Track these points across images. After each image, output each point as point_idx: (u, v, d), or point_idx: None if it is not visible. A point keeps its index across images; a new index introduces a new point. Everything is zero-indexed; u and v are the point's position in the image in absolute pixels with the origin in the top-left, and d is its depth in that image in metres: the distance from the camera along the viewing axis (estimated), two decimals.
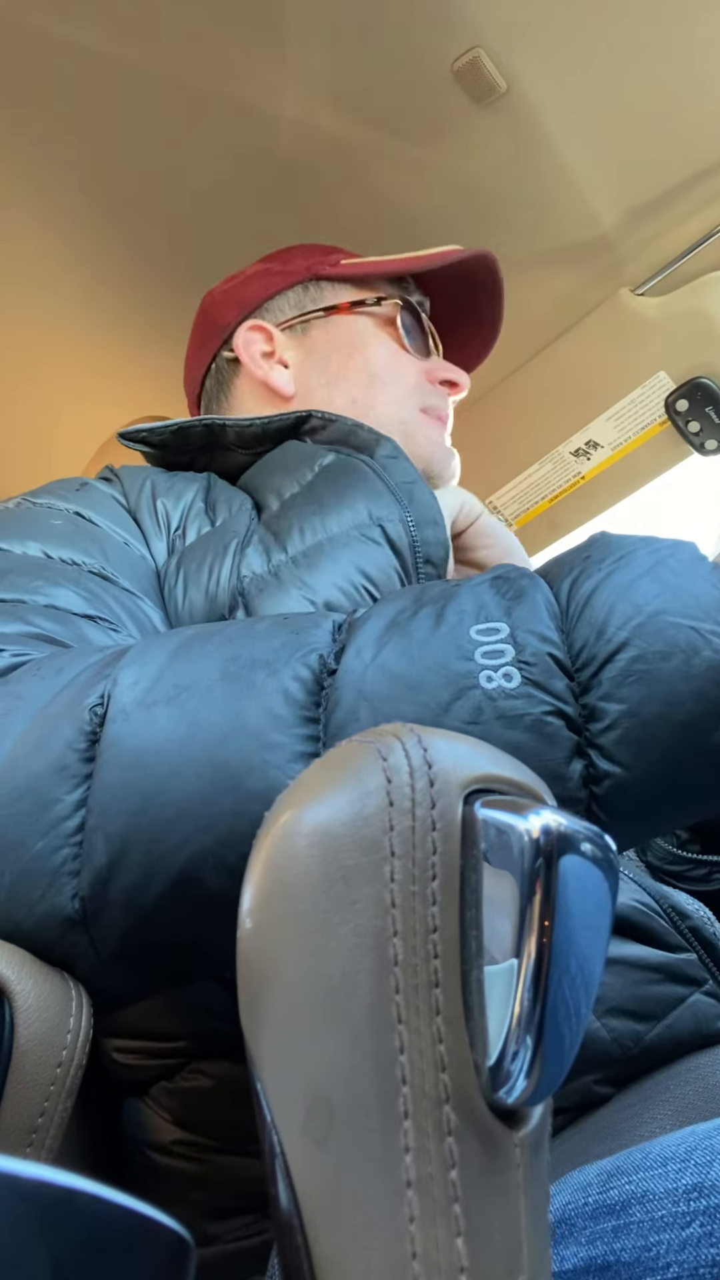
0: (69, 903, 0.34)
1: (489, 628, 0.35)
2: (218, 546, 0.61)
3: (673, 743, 0.33)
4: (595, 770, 0.33)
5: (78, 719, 0.36)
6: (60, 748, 0.35)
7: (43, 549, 0.55)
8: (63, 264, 1.01)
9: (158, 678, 0.36)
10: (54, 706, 0.37)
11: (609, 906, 0.24)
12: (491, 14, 0.81)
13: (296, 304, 0.85)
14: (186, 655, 0.37)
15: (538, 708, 0.33)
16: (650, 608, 0.34)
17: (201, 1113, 0.49)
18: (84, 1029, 0.33)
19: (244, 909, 0.23)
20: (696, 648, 0.33)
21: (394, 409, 0.79)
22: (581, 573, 0.36)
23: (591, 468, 1.13)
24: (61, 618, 0.47)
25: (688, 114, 0.89)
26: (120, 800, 0.33)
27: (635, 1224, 0.32)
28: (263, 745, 0.33)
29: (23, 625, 0.45)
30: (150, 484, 0.67)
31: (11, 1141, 0.30)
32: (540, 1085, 0.21)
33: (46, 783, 0.34)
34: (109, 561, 0.56)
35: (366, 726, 0.32)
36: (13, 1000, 0.31)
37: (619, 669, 0.33)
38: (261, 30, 0.82)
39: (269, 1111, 0.22)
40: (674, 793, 0.34)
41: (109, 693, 0.36)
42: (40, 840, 0.34)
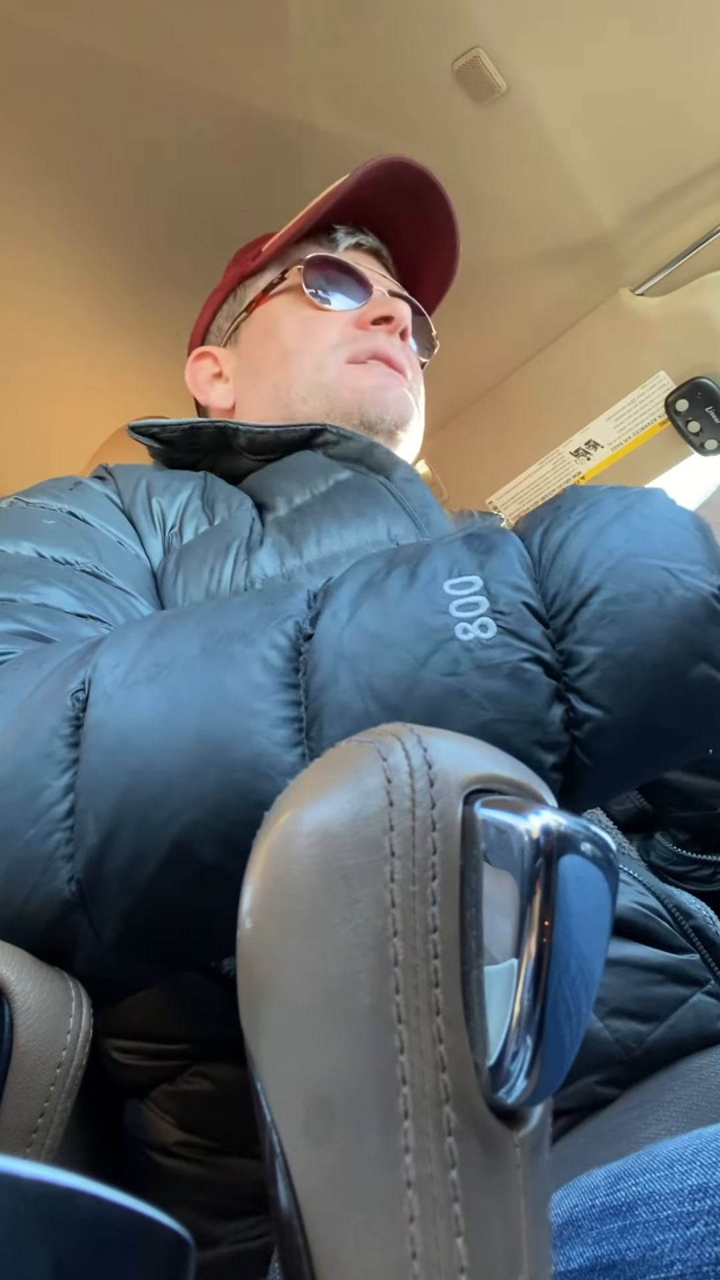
0: (65, 885, 0.34)
1: (462, 581, 0.35)
2: (219, 546, 0.61)
3: (650, 682, 0.33)
4: (576, 714, 0.33)
5: (60, 706, 0.36)
6: (45, 735, 0.35)
7: (35, 549, 0.54)
8: (61, 265, 1.01)
9: (137, 659, 0.36)
10: (37, 697, 0.37)
11: (609, 906, 0.24)
12: (491, 14, 0.81)
13: (229, 315, 0.85)
14: (164, 635, 0.37)
15: (515, 655, 0.33)
16: (621, 551, 0.34)
17: (203, 1116, 0.49)
18: (84, 1029, 0.33)
19: (244, 909, 0.23)
20: (668, 587, 0.33)
21: (310, 376, 0.75)
22: (552, 522, 0.36)
23: (591, 468, 1.13)
24: (53, 615, 0.47)
25: (688, 114, 0.89)
26: (107, 781, 0.34)
27: (641, 1224, 0.33)
28: (245, 714, 0.33)
29: (12, 623, 0.45)
30: (145, 483, 0.67)
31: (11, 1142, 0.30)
32: (540, 1085, 0.21)
33: (34, 770, 0.35)
34: (102, 560, 0.56)
35: (346, 687, 0.33)
36: (12, 1000, 0.31)
37: (593, 612, 0.33)
38: (262, 31, 0.82)
39: (269, 1111, 0.22)
40: (654, 733, 0.34)
41: (89, 678, 0.36)
42: (31, 827, 0.34)
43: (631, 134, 0.90)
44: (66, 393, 1.15)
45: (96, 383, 1.13)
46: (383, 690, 0.33)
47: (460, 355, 0.96)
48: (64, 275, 1.02)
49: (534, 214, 0.97)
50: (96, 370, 1.11)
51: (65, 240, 0.98)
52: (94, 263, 1.01)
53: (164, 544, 0.63)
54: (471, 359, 1.13)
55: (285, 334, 0.78)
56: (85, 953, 0.35)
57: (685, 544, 0.34)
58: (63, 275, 1.02)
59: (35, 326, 1.07)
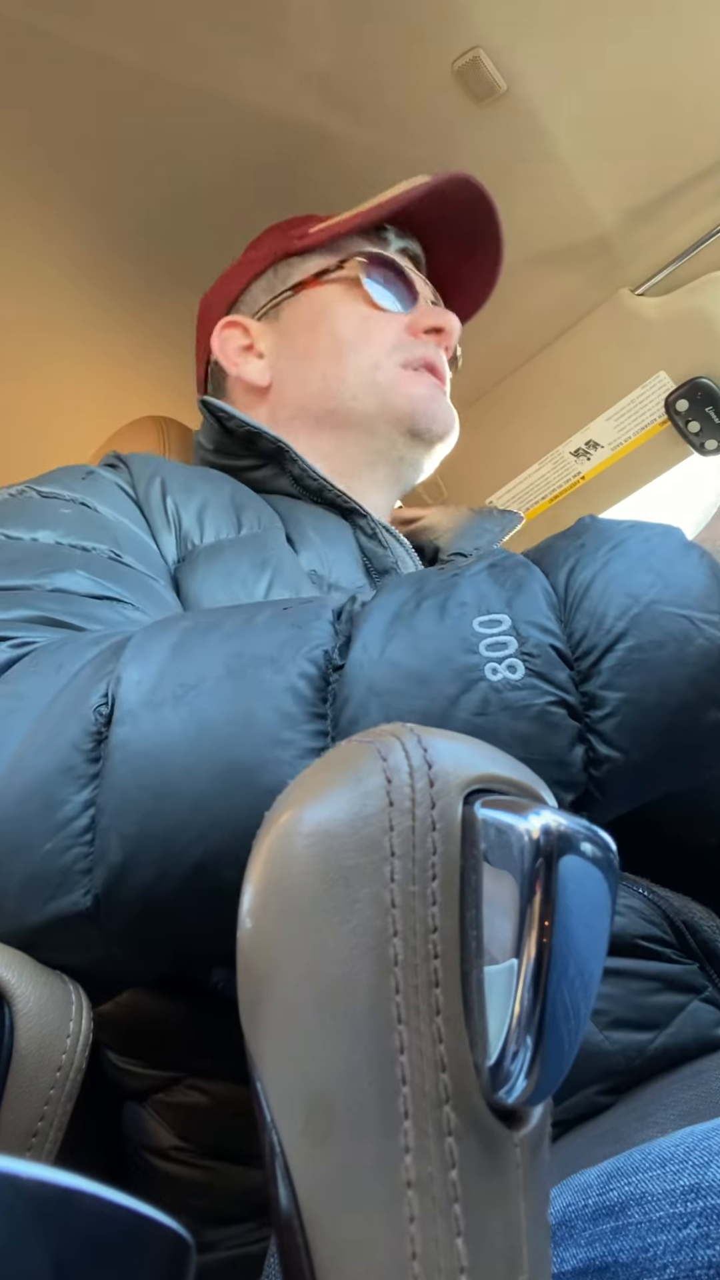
0: (82, 899, 0.34)
1: (491, 619, 0.35)
2: (253, 560, 0.60)
3: (669, 727, 0.34)
4: (595, 754, 0.34)
5: (82, 719, 0.36)
6: (66, 749, 0.35)
7: (50, 535, 0.54)
8: (60, 266, 1.01)
9: (161, 676, 0.36)
10: (57, 706, 0.37)
11: (609, 906, 0.24)
12: (491, 14, 0.81)
13: (268, 289, 0.83)
14: (188, 651, 0.37)
15: (542, 699, 0.34)
16: (646, 598, 0.35)
17: (199, 1126, 0.48)
18: (84, 1032, 0.33)
19: (244, 909, 0.23)
20: (690, 636, 0.34)
21: (366, 374, 0.75)
22: (578, 562, 0.37)
23: (591, 468, 1.13)
24: (69, 600, 0.47)
25: (688, 114, 0.89)
26: (133, 801, 0.34)
27: (633, 1225, 0.33)
28: (274, 743, 0.34)
29: (28, 610, 0.45)
30: (160, 480, 0.66)
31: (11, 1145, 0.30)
32: (540, 1085, 0.21)
33: (53, 784, 0.35)
34: (120, 547, 0.55)
35: (377, 722, 0.33)
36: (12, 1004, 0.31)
37: (618, 659, 0.34)
38: (262, 30, 0.82)
39: (269, 1111, 0.22)
40: (666, 770, 0.35)
41: (113, 693, 0.36)
42: (49, 841, 0.34)
43: (631, 134, 0.90)
44: (66, 393, 1.15)
45: (96, 383, 1.12)
46: None
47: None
48: (64, 275, 1.02)
49: (534, 214, 0.97)
50: (96, 370, 1.11)
51: (65, 240, 0.98)
52: (93, 263, 1.01)
53: (178, 542, 0.62)
54: (471, 359, 1.13)
55: (341, 325, 0.77)
56: (92, 960, 0.35)
57: (705, 592, 0.35)
58: (62, 275, 1.02)
59: (35, 327, 1.06)
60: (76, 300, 1.05)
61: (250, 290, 0.84)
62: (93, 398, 1.14)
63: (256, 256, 0.85)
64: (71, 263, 1.01)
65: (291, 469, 0.73)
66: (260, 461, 0.75)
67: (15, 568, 0.49)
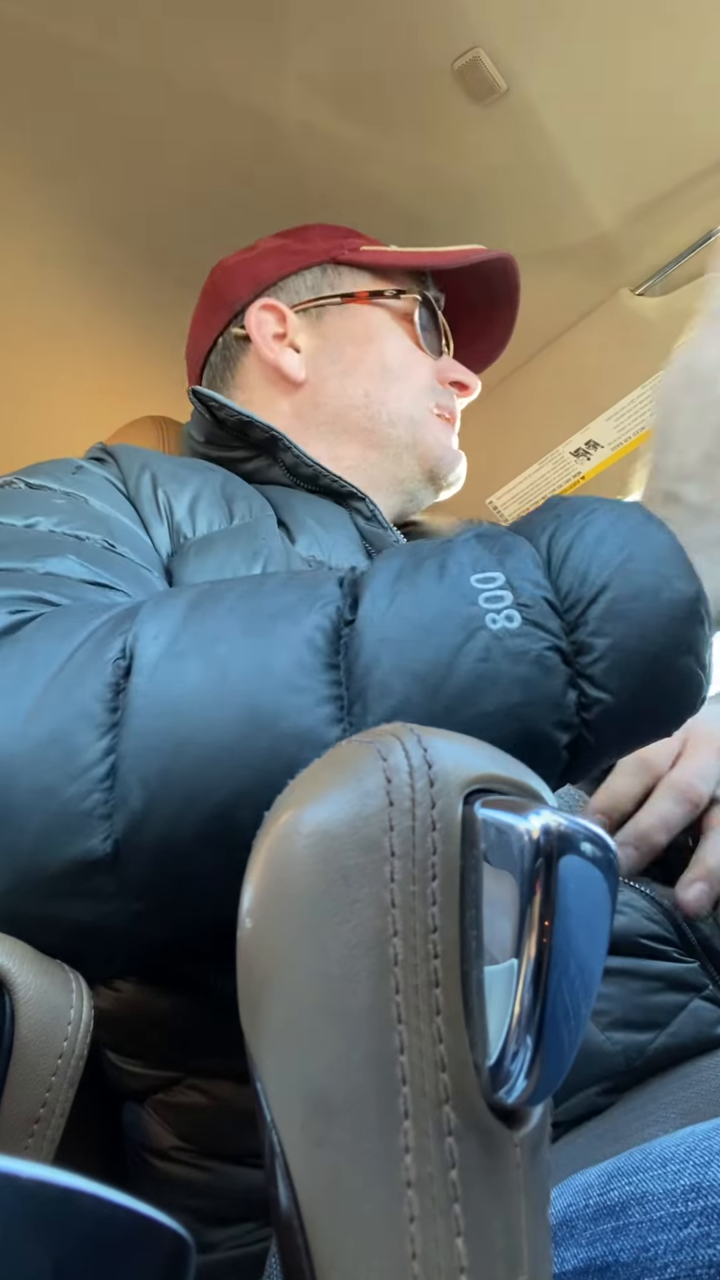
0: (101, 844, 0.35)
1: (487, 576, 0.38)
2: (245, 550, 0.61)
3: (649, 670, 0.37)
4: (587, 698, 0.37)
5: (101, 671, 0.37)
6: (86, 698, 0.36)
7: (49, 525, 0.54)
8: (59, 266, 1.01)
9: (179, 631, 0.38)
10: (74, 662, 0.38)
11: (609, 906, 0.24)
12: (491, 14, 0.81)
13: (313, 287, 0.83)
14: (203, 610, 0.39)
15: (539, 644, 0.36)
16: (620, 557, 0.38)
17: (198, 1127, 0.48)
18: (85, 1019, 0.33)
19: (244, 909, 0.23)
20: (659, 589, 0.37)
21: (406, 405, 0.79)
22: (556, 529, 0.40)
23: (591, 468, 1.13)
24: (60, 582, 0.47)
25: (687, 114, 0.89)
26: (155, 746, 0.35)
27: (634, 1225, 0.33)
28: (293, 689, 0.36)
29: (19, 590, 0.46)
30: (150, 472, 0.66)
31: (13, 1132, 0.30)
32: (540, 1085, 0.21)
33: (74, 730, 0.36)
34: (114, 538, 0.56)
35: (389, 669, 0.36)
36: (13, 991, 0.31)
37: (602, 608, 0.37)
38: (261, 30, 0.82)
39: (269, 1111, 0.22)
40: (647, 715, 0.38)
41: (130, 647, 0.38)
42: (70, 785, 0.35)
43: (631, 134, 0.90)
44: (65, 393, 1.15)
45: (95, 383, 1.12)
46: (422, 673, 0.36)
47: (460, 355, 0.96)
48: (63, 276, 1.02)
49: (534, 214, 0.97)
50: (95, 370, 1.11)
51: (64, 241, 0.98)
52: (93, 263, 1.01)
53: (170, 533, 0.63)
54: None
55: (389, 352, 0.80)
56: (105, 914, 0.35)
57: (669, 551, 0.38)
58: (62, 276, 1.02)
59: (34, 327, 1.07)
60: (75, 301, 1.05)
61: (292, 280, 0.84)
62: (92, 398, 1.14)
63: (303, 249, 0.85)
64: (71, 263, 1.01)
65: (284, 458, 0.73)
66: (253, 452, 0.75)
67: (6, 551, 0.49)
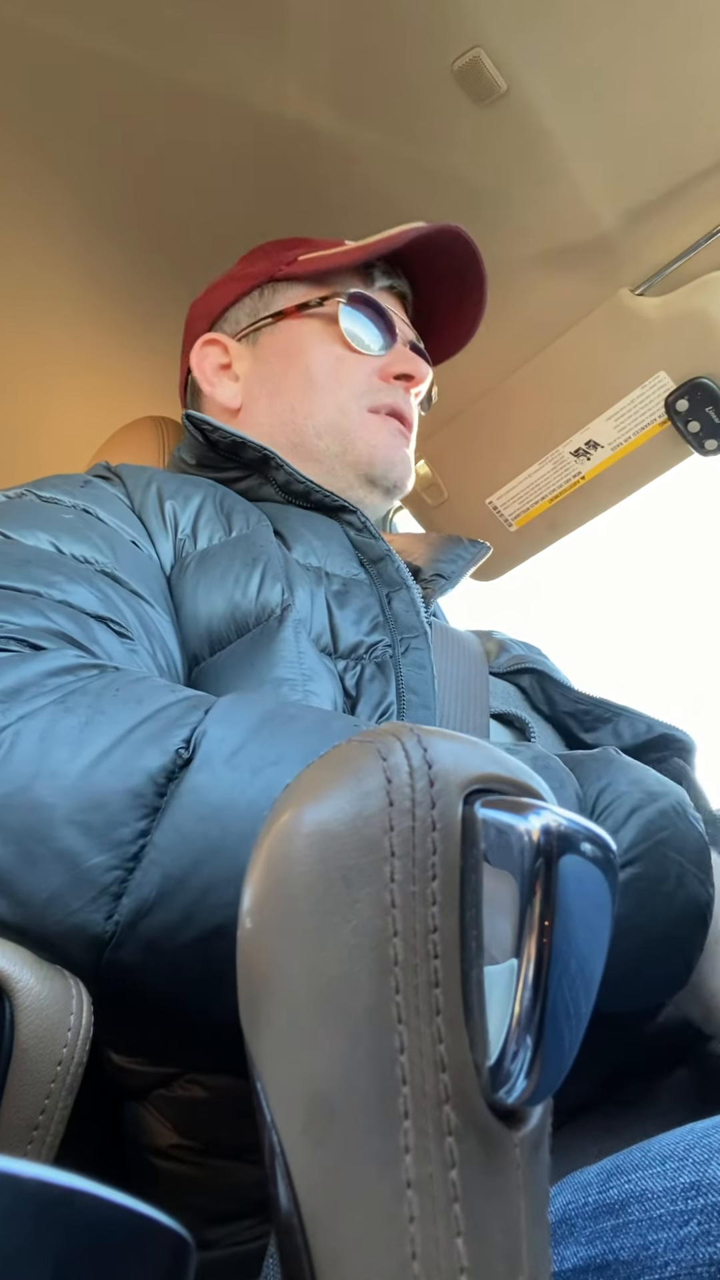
0: (104, 922, 0.35)
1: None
2: (245, 559, 0.62)
3: (643, 949, 0.39)
4: None
5: (163, 753, 0.37)
6: (141, 777, 0.36)
7: (53, 541, 0.55)
8: (58, 267, 1.01)
9: (244, 743, 0.38)
10: (138, 734, 0.38)
11: (609, 906, 0.24)
12: (491, 14, 0.81)
13: (251, 311, 0.85)
14: (271, 732, 0.39)
15: None
16: (657, 836, 0.40)
17: (199, 1121, 0.49)
18: (84, 1027, 0.33)
19: (244, 909, 0.23)
20: (683, 881, 0.40)
21: (330, 415, 0.78)
22: (607, 785, 0.43)
23: (591, 468, 1.13)
24: (76, 616, 0.48)
25: (688, 114, 0.89)
26: (188, 844, 0.35)
27: (634, 1223, 0.33)
28: None
29: (42, 619, 0.46)
30: (156, 486, 0.68)
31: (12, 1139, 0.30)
32: (540, 1085, 0.21)
33: (121, 804, 0.36)
34: (119, 562, 0.57)
35: None
36: (14, 997, 0.31)
37: (624, 879, 0.39)
38: (261, 30, 0.82)
39: (269, 1111, 0.22)
40: (628, 984, 0.40)
41: (197, 741, 0.38)
42: (98, 855, 0.35)
43: (631, 134, 0.90)
44: (64, 394, 1.15)
45: (94, 384, 1.12)
46: None
47: (460, 355, 0.96)
48: (62, 276, 1.02)
49: (534, 214, 0.97)
50: (92, 375, 1.11)
51: (64, 240, 0.98)
52: (92, 263, 1.01)
53: (175, 547, 0.64)
54: (471, 359, 1.13)
55: (315, 364, 0.79)
56: (86, 980, 0.35)
57: (698, 847, 0.41)
58: (61, 276, 1.02)
59: (33, 327, 1.06)
60: (75, 301, 1.05)
61: (234, 309, 0.86)
62: (91, 398, 1.14)
63: (247, 274, 0.86)
64: (70, 263, 1.01)
65: (276, 476, 0.74)
66: (244, 472, 0.76)
67: (25, 569, 0.49)
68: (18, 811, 0.36)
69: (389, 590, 0.67)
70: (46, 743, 0.37)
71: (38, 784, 0.36)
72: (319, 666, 0.58)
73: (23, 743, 0.37)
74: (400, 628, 0.63)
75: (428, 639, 0.63)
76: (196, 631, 0.60)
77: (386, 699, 0.58)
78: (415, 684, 0.60)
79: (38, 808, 0.35)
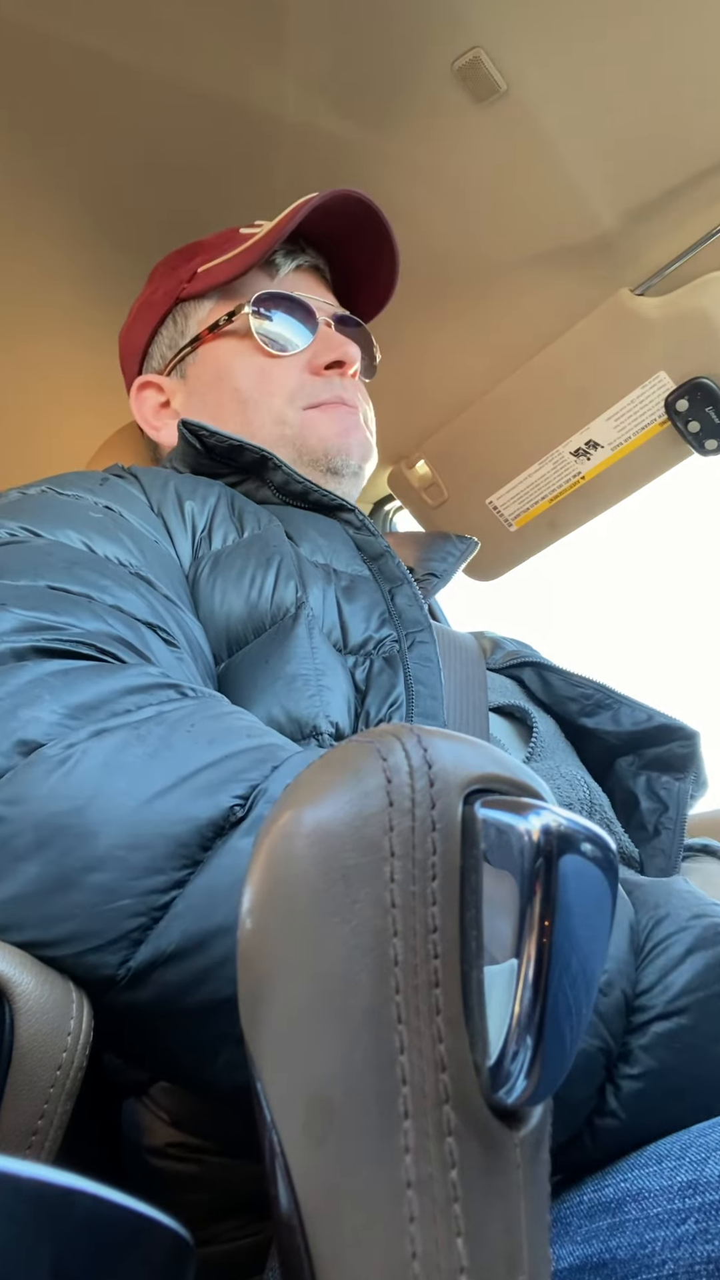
0: (118, 968, 0.34)
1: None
2: (260, 558, 0.63)
3: (677, 1111, 0.35)
4: (603, 1107, 0.35)
5: (216, 807, 0.36)
6: (189, 827, 0.36)
7: (84, 541, 0.54)
8: (57, 267, 1.01)
9: None
10: (199, 780, 0.37)
11: (609, 906, 0.24)
12: (491, 14, 0.81)
13: (170, 342, 0.84)
14: None
15: (591, 1043, 0.35)
16: (716, 987, 0.36)
17: (198, 1113, 0.49)
18: (84, 1031, 0.33)
19: (244, 909, 0.23)
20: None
21: (271, 426, 0.77)
22: (666, 916, 0.39)
23: (591, 468, 1.13)
24: (129, 622, 0.48)
25: (687, 114, 0.89)
26: (217, 909, 0.34)
27: (630, 1221, 0.32)
28: None
29: (102, 624, 0.46)
30: (173, 486, 0.68)
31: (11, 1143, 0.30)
32: (540, 1085, 0.21)
33: (165, 849, 0.35)
34: (147, 562, 0.57)
35: None
36: (13, 1001, 0.31)
37: (668, 1030, 0.35)
38: (261, 31, 0.81)
39: (269, 1111, 0.22)
40: (653, 1135, 0.36)
41: (255, 800, 0.37)
42: (130, 898, 0.34)
43: (631, 134, 0.90)
44: (63, 394, 1.15)
45: (93, 384, 1.12)
46: None
47: (461, 355, 0.96)
48: (62, 276, 1.02)
49: (534, 214, 0.97)
50: (91, 376, 1.11)
51: (63, 241, 0.98)
52: (92, 263, 1.01)
53: (193, 547, 0.64)
54: (472, 359, 1.13)
55: (241, 382, 0.78)
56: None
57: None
58: (61, 276, 1.02)
59: (32, 327, 1.06)
60: (74, 302, 1.04)
61: (155, 343, 0.85)
62: (90, 398, 1.14)
63: (155, 300, 0.85)
64: (70, 263, 1.01)
65: (273, 478, 0.74)
66: (241, 476, 0.76)
67: (73, 571, 0.49)
68: (63, 834, 0.35)
69: (391, 586, 0.67)
70: (109, 769, 0.36)
71: (90, 810, 0.35)
72: (332, 661, 0.59)
73: (86, 764, 0.36)
74: (406, 623, 0.63)
75: (432, 632, 0.63)
76: (216, 632, 0.60)
77: (395, 692, 0.58)
78: (423, 676, 0.60)
79: (84, 834, 0.35)
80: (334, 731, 0.55)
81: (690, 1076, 0.35)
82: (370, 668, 0.60)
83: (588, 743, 0.75)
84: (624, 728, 0.73)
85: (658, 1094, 0.35)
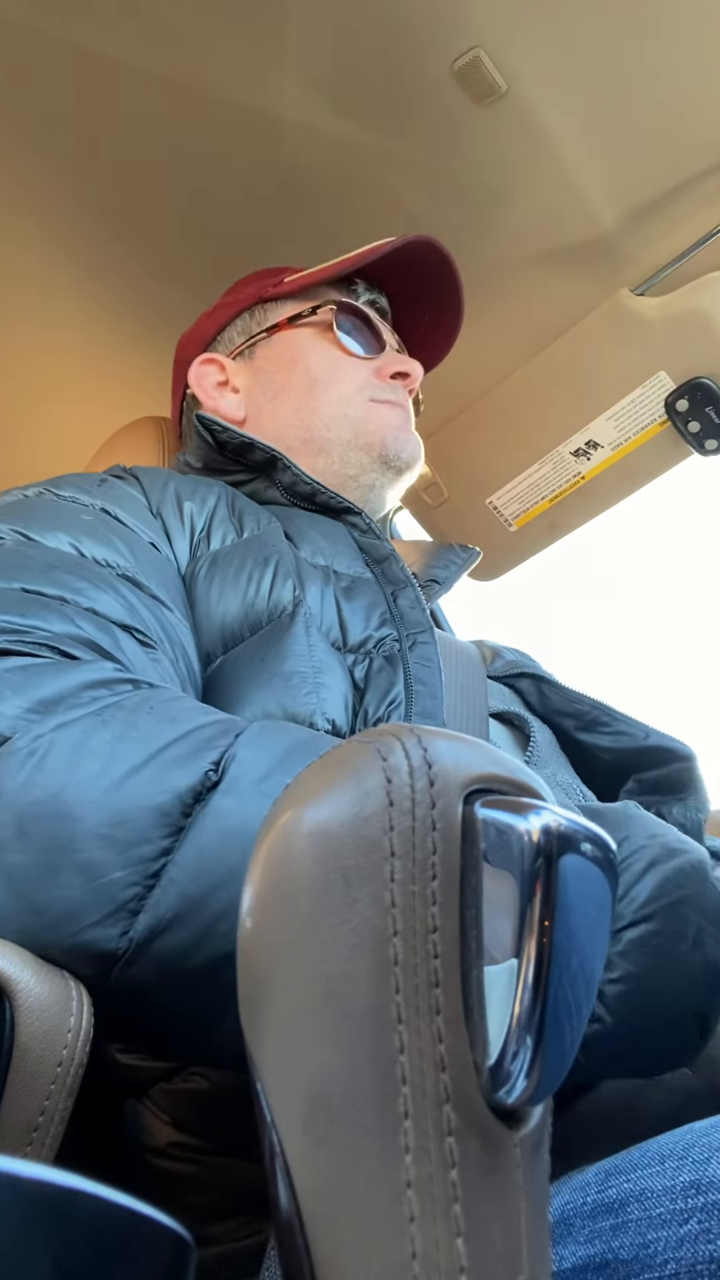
0: (118, 939, 0.35)
1: None
2: (258, 558, 0.64)
3: (659, 1013, 0.39)
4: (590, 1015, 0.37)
5: (192, 774, 0.38)
6: (169, 795, 0.37)
7: (74, 544, 0.55)
8: (58, 266, 1.01)
9: (271, 770, 0.39)
10: (169, 753, 0.38)
11: (609, 906, 0.24)
12: (491, 14, 0.81)
13: (244, 330, 0.87)
14: (299, 762, 0.39)
15: None
16: (677, 894, 0.40)
17: (199, 1114, 0.49)
18: (84, 1028, 0.33)
19: (244, 909, 0.23)
20: (701, 942, 0.39)
21: (338, 406, 0.80)
22: (627, 836, 0.42)
23: (591, 468, 1.13)
24: (102, 624, 0.49)
25: (687, 114, 0.89)
26: (208, 867, 0.35)
27: (633, 1222, 0.33)
28: None
29: (72, 626, 0.47)
30: (173, 487, 0.69)
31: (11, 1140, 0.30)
32: (540, 1085, 0.21)
33: (148, 820, 0.36)
34: (138, 565, 0.57)
35: None
36: (14, 998, 0.31)
37: (639, 935, 0.39)
38: (262, 31, 0.82)
39: (269, 1111, 0.22)
40: (640, 1053, 0.40)
41: (226, 764, 0.38)
42: (122, 869, 0.35)
43: (631, 134, 0.90)
44: (65, 393, 1.15)
45: (95, 384, 1.12)
46: None
47: (460, 355, 0.96)
48: (63, 276, 1.02)
49: (534, 214, 0.97)
50: (94, 374, 1.11)
51: (64, 240, 0.98)
52: (92, 263, 1.01)
53: (191, 547, 0.65)
54: (472, 359, 1.13)
55: (314, 364, 0.82)
56: (95, 993, 0.36)
57: (716, 906, 0.40)
58: (62, 276, 1.02)
59: (34, 327, 1.06)
60: (75, 301, 1.04)
61: (226, 331, 0.88)
62: (91, 398, 1.14)
63: (234, 301, 0.89)
64: (71, 263, 1.01)
65: (282, 478, 0.76)
66: (250, 475, 0.78)
67: (50, 574, 0.50)
68: (44, 821, 0.36)
69: (394, 588, 0.67)
70: (79, 755, 0.37)
71: (66, 794, 0.36)
72: (330, 659, 0.59)
73: (56, 753, 0.37)
74: (407, 624, 0.64)
75: (433, 634, 0.64)
76: (211, 630, 0.61)
77: (394, 690, 0.59)
78: (423, 676, 0.60)
79: (64, 818, 0.36)
80: (331, 729, 0.55)
81: (663, 976, 0.38)
82: (370, 666, 0.60)
83: (584, 760, 0.76)
84: (620, 745, 0.74)
85: (637, 994, 0.37)
